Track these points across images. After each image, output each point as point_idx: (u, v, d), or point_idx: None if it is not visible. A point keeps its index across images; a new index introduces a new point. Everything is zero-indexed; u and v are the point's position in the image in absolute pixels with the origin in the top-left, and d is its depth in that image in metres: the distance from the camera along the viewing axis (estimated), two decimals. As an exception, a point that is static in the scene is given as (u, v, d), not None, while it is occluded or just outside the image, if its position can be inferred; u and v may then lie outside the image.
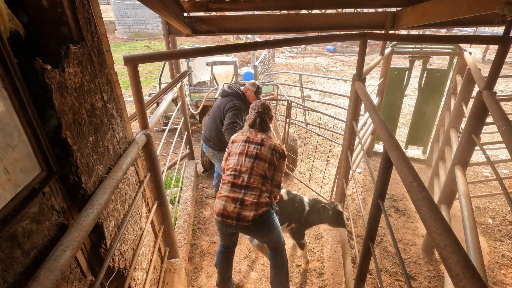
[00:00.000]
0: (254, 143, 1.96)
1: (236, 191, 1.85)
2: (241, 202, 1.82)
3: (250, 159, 1.90)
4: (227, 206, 1.83)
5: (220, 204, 1.86)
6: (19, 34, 0.75)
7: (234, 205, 1.82)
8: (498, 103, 1.64)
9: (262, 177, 1.89)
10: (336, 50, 17.55)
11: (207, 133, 3.05)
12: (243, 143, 1.98)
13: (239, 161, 1.92)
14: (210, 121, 3.05)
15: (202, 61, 6.59)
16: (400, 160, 1.06)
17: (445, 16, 2.18)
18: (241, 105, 2.87)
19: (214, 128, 2.99)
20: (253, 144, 1.95)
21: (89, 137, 1.01)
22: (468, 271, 0.63)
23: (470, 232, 1.51)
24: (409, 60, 3.96)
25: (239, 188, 1.86)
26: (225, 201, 1.85)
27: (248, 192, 1.84)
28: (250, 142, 1.97)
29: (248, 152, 1.93)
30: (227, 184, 1.90)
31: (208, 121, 3.08)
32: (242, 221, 1.80)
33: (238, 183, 1.86)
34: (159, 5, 1.96)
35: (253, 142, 1.96)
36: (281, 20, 3.08)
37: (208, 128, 3.05)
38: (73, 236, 0.78)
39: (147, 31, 18.33)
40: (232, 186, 1.87)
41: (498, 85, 9.50)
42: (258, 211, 1.82)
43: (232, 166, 1.93)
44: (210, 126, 3.03)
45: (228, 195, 1.86)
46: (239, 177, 1.88)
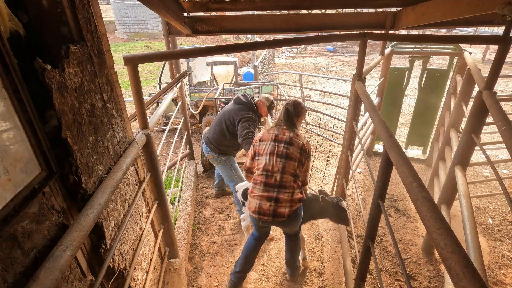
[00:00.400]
0: (283, 141, 1.99)
1: (270, 190, 1.94)
2: (276, 200, 1.92)
3: (281, 159, 1.96)
4: (262, 204, 1.94)
5: (255, 203, 1.96)
6: (19, 34, 0.75)
7: (269, 203, 1.92)
8: (498, 103, 1.64)
9: (293, 175, 1.97)
10: (336, 50, 17.56)
11: (210, 135, 2.98)
12: (272, 142, 2.01)
13: (270, 161, 1.97)
14: (216, 123, 2.97)
15: (202, 61, 6.59)
16: (400, 160, 1.06)
17: (445, 16, 2.18)
18: (254, 116, 2.84)
19: (218, 131, 2.92)
20: (282, 143, 1.99)
21: (89, 137, 1.01)
22: (468, 271, 0.63)
23: (470, 232, 1.51)
24: (409, 60, 3.96)
25: (273, 187, 1.94)
26: (260, 200, 1.95)
27: (282, 190, 1.94)
28: (279, 141, 2.00)
29: (278, 152, 1.97)
30: (260, 184, 1.97)
31: (214, 123, 3.00)
32: (278, 217, 1.93)
33: (271, 183, 1.95)
34: (159, 5, 1.96)
35: (282, 141, 1.99)
36: (281, 20, 3.08)
37: (212, 131, 2.97)
38: (73, 236, 0.78)
39: (147, 31, 18.33)
40: (266, 185, 1.96)
41: (498, 85, 9.50)
42: (293, 207, 1.94)
43: (263, 166, 1.99)
44: (215, 128, 2.95)
45: (263, 195, 1.95)
46: (271, 177, 1.96)
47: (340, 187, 2.80)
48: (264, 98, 2.92)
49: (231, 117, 2.86)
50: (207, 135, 3.02)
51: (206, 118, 5.72)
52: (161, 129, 6.37)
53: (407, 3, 2.78)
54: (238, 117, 2.80)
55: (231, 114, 2.87)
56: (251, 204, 2.00)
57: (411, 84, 4.59)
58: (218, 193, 3.62)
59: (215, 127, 2.96)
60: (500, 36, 1.81)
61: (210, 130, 3.02)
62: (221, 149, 2.95)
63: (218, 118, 2.99)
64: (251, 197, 2.01)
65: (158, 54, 1.79)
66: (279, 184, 1.94)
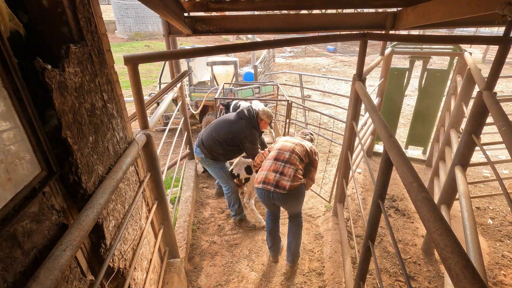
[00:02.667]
0: (290, 143, 2.42)
1: (277, 164, 2.28)
2: (281, 173, 2.23)
3: (291, 144, 2.39)
4: (268, 175, 2.26)
5: (262, 174, 2.29)
6: (20, 34, 0.75)
7: (274, 174, 2.24)
8: (498, 104, 1.64)
9: (300, 158, 2.31)
10: (336, 50, 17.55)
11: (206, 140, 2.91)
12: (283, 142, 2.44)
13: (283, 145, 2.38)
14: (214, 131, 2.90)
15: (202, 61, 6.59)
16: (400, 160, 1.06)
17: (445, 16, 2.18)
18: (256, 133, 2.93)
19: (216, 140, 2.87)
20: (289, 143, 2.41)
21: (89, 137, 1.01)
22: (468, 271, 0.63)
23: (470, 232, 1.51)
24: (409, 60, 3.96)
25: (281, 161, 2.29)
26: (267, 171, 2.28)
27: (287, 165, 2.25)
28: (287, 142, 2.44)
29: (286, 148, 2.38)
30: (270, 159, 2.35)
31: (212, 131, 2.92)
32: (280, 188, 2.18)
33: (280, 158, 2.31)
34: (159, 5, 1.96)
35: (290, 142, 2.42)
36: (281, 20, 3.08)
37: (209, 137, 2.90)
38: (73, 236, 0.78)
39: (147, 31, 18.32)
40: (275, 159, 2.31)
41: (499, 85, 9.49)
42: (294, 183, 2.19)
43: (276, 147, 2.40)
44: (212, 136, 2.89)
45: (271, 167, 2.29)
46: (281, 154, 2.33)
47: (340, 187, 2.80)
48: (265, 116, 2.94)
49: (233, 133, 2.85)
50: (201, 139, 2.96)
51: (206, 118, 5.72)
52: (161, 129, 6.37)
53: (407, 3, 2.78)
54: (241, 134, 2.84)
55: (234, 130, 2.86)
56: (259, 176, 2.31)
57: (411, 84, 4.59)
58: (218, 192, 3.62)
59: (211, 134, 2.90)
60: (500, 36, 1.81)
61: (206, 135, 2.94)
62: (213, 155, 2.92)
63: (218, 126, 2.93)
64: (260, 170, 2.34)
65: (158, 54, 1.79)
66: (286, 160, 2.28)
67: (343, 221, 2.73)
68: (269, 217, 2.52)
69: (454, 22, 2.95)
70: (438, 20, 2.30)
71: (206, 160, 2.96)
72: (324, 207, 3.37)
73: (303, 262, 2.61)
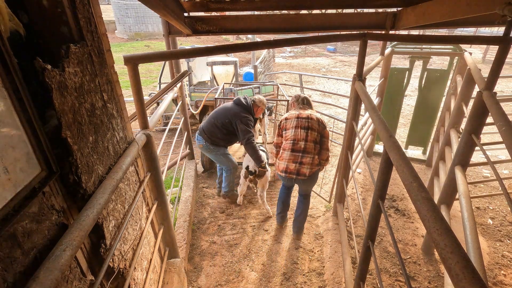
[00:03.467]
0: (304, 118, 2.53)
1: (295, 155, 2.49)
2: (300, 163, 2.49)
3: (304, 130, 2.50)
4: (289, 165, 2.51)
5: (284, 164, 2.54)
6: (19, 33, 0.75)
7: (294, 164, 2.49)
8: (498, 104, 1.64)
9: (314, 143, 2.51)
10: (336, 50, 17.55)
11: (206, 126, 3.17)
12: (296, 119, 2.54)
13: (296, 133, 2.51)
14: (213, 117, 3.15)
15: (202, 61, 6.59)
16: (400, 160, 1.06)
17: (445, 16, 2.18)
18: (251, 118, 3.12)
19: (214, 124, 3.12)
20: (303, 118, 2.53)
21: (89, 137, 1.01)
22: (468, 271, 0.63)
23: (470, 232, 1.51)
24: (409, 60, 3.96)
25: (298, 152, 2.49)
26: (288, 162, 2.51)
27: (305, 155, 2.48)
28: (301, 117, 2.54)
29: (302, 125, 2.51)
30: (288, 150, 2.53)
31: (212, 117, 3.17)
32: (301, 175, 2.50)
33: (297, 149, 2.49)
34: (159, 5, 1.96)
35: (303, 117, 2.53)
36: (281, 20, 3.08)
37: (209, 123, 3.15)
38: (73, 236, 0.78)
39: (147, 31, 18.32)
40: (292, 151, 2.50)
41: (498, 85, 9.49)
42: (312, 170, 2.50)
43: (290, 136, 2.52)
44: (211, 121, 3.14)
45: (290, 158, 2.51)
46: (297, 144, 2.49)
47: (340, 187, 2.80)
48: (261, 103, 3.20)
49: (230, 117, 3.07)
50: (202, 126, 3.21)
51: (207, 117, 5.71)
52: (161, 129, 6.37)
53: (407, 3, 2.78)
54: (237, 118, 3.04)
55: (230, 113, 3.08)
56: (280, 165, 2.57)
57: (411, 84, 4.59)
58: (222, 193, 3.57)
59: (211, 120, 3.15)
60: (500, 36, 1.81)
61: (207, 122, 3.19)
62: (213, 139, 3.14)
63: (217, 113, 3.16)
64: (280, 160, 2.58)
65: (158, 54, 1.79)
66: (303, 150, 2.48)
67: (343, 221, 2.73)
68: (284, 190, 2.85)
69: (454, 22, 2.95)
70: (438, 20, 2.30)
71: (207, 146, 3.18)
72: (324, 207, 3.37)
73: (303, 262, 2.61)
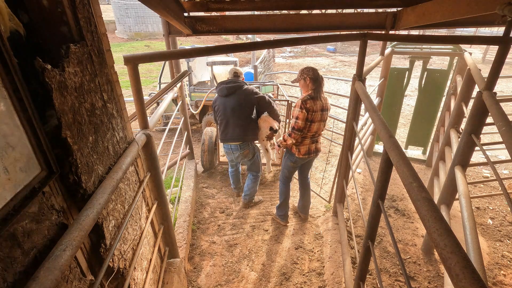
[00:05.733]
0: (326, 110, 2.65)
1: (313, 141, 2.78)
2: (316, 141, 2.80)
3: (324, 122, 2.71)
4: (310, 147, 2.77)
5: (305, 148, 2.75)
6: (20, 33, 0.75)
7: (313, 145, 2.79)
8: (498, 104, 1.64)
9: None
10: (336, 50, 17.54)
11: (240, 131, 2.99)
12: (321, 111, 2.60)
13: (319, 126, 2.69)
14: (234, 120, 2.97)
15: (202, 61, 6.58)
16: (400, 160, 1.06)
17: (445, 16, 2.18)
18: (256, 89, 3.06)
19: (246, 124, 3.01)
20: (325, 111, 2.65)
21: (89, 137, 1.01)
22: (467, 271, 0.63)
23: (470, 232, 1.51)
24: (409, 60, 3.96)
25: (315, 137, 2.78)
26: (309, 145, 2.76)
27: (317, 138, 2.81)
28: (323, 110, 2.62)
29: (324, 119, 2.68)
30: (309, 138, 2.73)
31: (231, 122, 2.99)
32: (318, 152, 2.85)
33: (315, 136, 2.76)
34: (159, 5, 1.96)
35: (326, 110, 2.65)
36: (281, 20, 3.08)
37: (234, 124, 2.98)
38: (72, 236, 0.78)
39: (147, 31, 18.31)
40: (312, 138, 2.74)
41: (498, 85, 9.49)
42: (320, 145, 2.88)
43: (314, 130, 2.69)
44: (241, 124, 2.98)
45: (311, 144, 2.76)
46: (316, 134, 2.74)
47: (340, 187, 2.80)
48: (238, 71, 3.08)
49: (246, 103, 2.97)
50: (229, 134, 3.02)
51: (206, 118, 5.71)
52: (161, 129, 6.37)
53: (407, 3, 2.78)
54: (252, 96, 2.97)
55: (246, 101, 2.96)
56: (301, 150, 2.75)
57: (411, 85, 4.59)
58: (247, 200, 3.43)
59: (238, 122, 2.98)
60: (500, 36, 1.81)
61: (235, 129, 3.00)
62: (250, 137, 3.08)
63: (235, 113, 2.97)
64: (302, 145, 2.75)
65: (158, 54, 1.79)
66: (317, 135, 2.78)
67: (343, 221, 2.73)
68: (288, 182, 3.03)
69: (454, 22, 2.95)
70: (438, 20, 2.30)
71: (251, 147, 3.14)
72: (324, 207, 3.37)
73: (303, 262, 2.62)
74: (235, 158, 3.22)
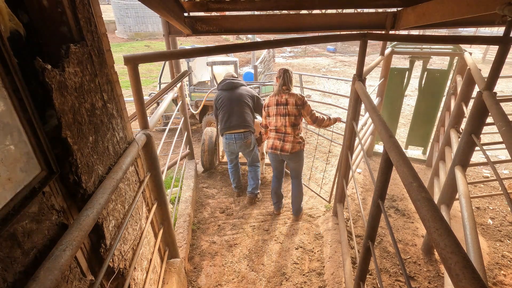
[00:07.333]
0: (282, 104, 2.76)
1: (279, 136, 2.85)
2: (283, 140, 2.84)
3: (283, 117, 2.78)
4: (275, 142, 2.87)
5: (271, 142, 2.91)
6: (20, 33, 0.75)
7: (279, 141, 2.85)
8: (498, 104, 1.64)
9: (293, 125, 2.79)
10: (336, 50, 17.54)
11: (244, 119, 3.19)
12: (275, 106, 2.79)
13: (276, 120, 2.81)
14: (238, 109, 3.19)
15: (202, 61, 6.58)
16: (400, 160, 1.06)
17: (445, 16, 2.18)
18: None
19: (248, 114, 3.24)
20: (282, 105, 2.76)
21: (89, 137, 1.01)
22: (467, 271, 0.63)
23: (470, 232, 1.51)
24: (409, 60, 3.95)
25: (280, 133, 2.85)
26: (274, 140, 2.88)
27: (285, 136, 2.83)
28: (279, 104, 2.77)
29: (280, 112, 2.78)
30: (273, 131, 2.88)
31: (236, 111, 3.19)
32: (284, 151, 2.83)
33: (280, 132, 2.85)
34: (159, 5, 1.96)
35: (281, 104, 2.76)
36: (281, 20, 3.08)
37: (245, 114, 3.21)
38: (73, 236, 0.78)
39: (147, 31, 18.31)
40: (276, 132, 2.87)
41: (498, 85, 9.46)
42: (294, 148, 2.81)
43: (273, 123, 2.85)
44: (245, 112, 3.21)
45: (275, 137, 2.87)
46: (279, 129, 2.84)
47: (340, 187, 2.80)
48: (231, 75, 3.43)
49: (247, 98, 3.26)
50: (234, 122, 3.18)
51: (206, 118, 5.71)
52: (161, 129, 6.37)
53: (407, 3, 2.78)
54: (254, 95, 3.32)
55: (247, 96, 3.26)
56: (269, 143, 2.94)
57: (411, 85, 4.59)
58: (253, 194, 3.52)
59: (242, 110, 3.20)
60: (500, 36, 1.81)
61: (239, 117, 3.19)
62: (252, 128, 3.27)
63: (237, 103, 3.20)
64: (268, 138, 2.96)
65: (158, 54, 1.79)
66: (284, 132, 2.83)
67: (343, 221, 2.73)
68: (274, 179, 3.16)
69: (454, 22, 2.95)
70: (438, 20, 2.30)
71: (245, 138, 3.25)
72: (324, 207, 3.37)
73: (303, 262, 2.61)
74: (237, 149, 3.31)
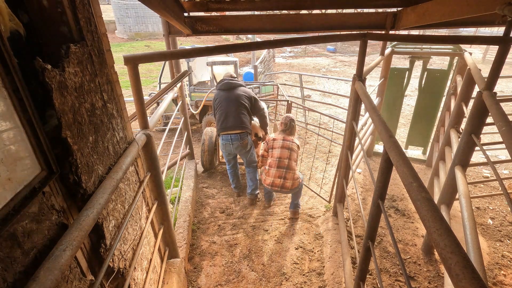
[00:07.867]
0: (288, 141, 3.03)
1: (280, 171, 2.94)
2: (284, 178, 2.94)
3: (288, 150, 2.97)
4: (275, 180, 2.95)
5: (270, 180, 2.98)
6: (20, 33, 0.75)
7: (279, 179, 2.94)
8: (498, 104, 1.64)
9: (295, 161, 3.00)
10: (336, 50, 17.55)
11: (241, 120, 3.15)
12: (282, 140, 3.02)
13: (281, 152, 2.97)
14: (235, 110, 3.15)
15: (202, 61, 6.59)
16: (400, 160, 1.06)
17: (445, 16, 2.18)
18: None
19: (245, 115, 3.20)
20: (288, 141, 3.02)
21: (89, 137, 1.01)
22: (467, 271, 0.63)
23: (470, 232, 1.51)
24: (409, 60, 3.95)
25: (282, 168, 2.95)
26: (273, 178, 2.96)
27: (288, 171, 2.94)
28: (286, 140, 3.03)
29: (286, 146, 2.99)
30: (274, 166, 2.97)
31: (233, 111, 3.15)
32: (285, 189, 2.95)
33: (282, 165, 2.95)
34: (159, 5, 1.96)
35: (288, 140, 3.03)
36: (281, 20, 3.08)
37: (242, 115, 3.16)
38: (73, 236, 0.78)
39: (147, 31, 18.32)
40: (278, 167, 2.95)
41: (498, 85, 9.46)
42: (294, 184, 2.95)
43: (276, 154, 2.98)
44: (241, 113, 3.16)
45: (276, 174, 2.95)
46: (282, 162, 2.95)
47: (340, 187, 2.80)
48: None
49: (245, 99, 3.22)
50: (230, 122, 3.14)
51: (206, 118, 5.71)
52: (161, 129, 6.37)
53: (407, 3, 2.78)
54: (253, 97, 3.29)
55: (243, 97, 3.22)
56: (267, 180, 3.00)
57: (411, 85, 4.59)
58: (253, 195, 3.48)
59: (238, 111, 3.15)
60: (500, 36, 1.81)
61: (236, 119, 3.15)
62: (249, 129, 3.23)
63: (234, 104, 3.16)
64: (267, 175, 3.01)
65: (158, 54, 1.79)
66: (286, 166, 2.93)
67: (343, 221, 2.73)
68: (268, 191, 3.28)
69: (454, 22, 2.95)
70: (438, 20, 2.30)
71: (241, 139, 3.20)
72: (324, 207, 3.37)
73: (303, 262, 2.61)
74: (233, 150, 3.27)
